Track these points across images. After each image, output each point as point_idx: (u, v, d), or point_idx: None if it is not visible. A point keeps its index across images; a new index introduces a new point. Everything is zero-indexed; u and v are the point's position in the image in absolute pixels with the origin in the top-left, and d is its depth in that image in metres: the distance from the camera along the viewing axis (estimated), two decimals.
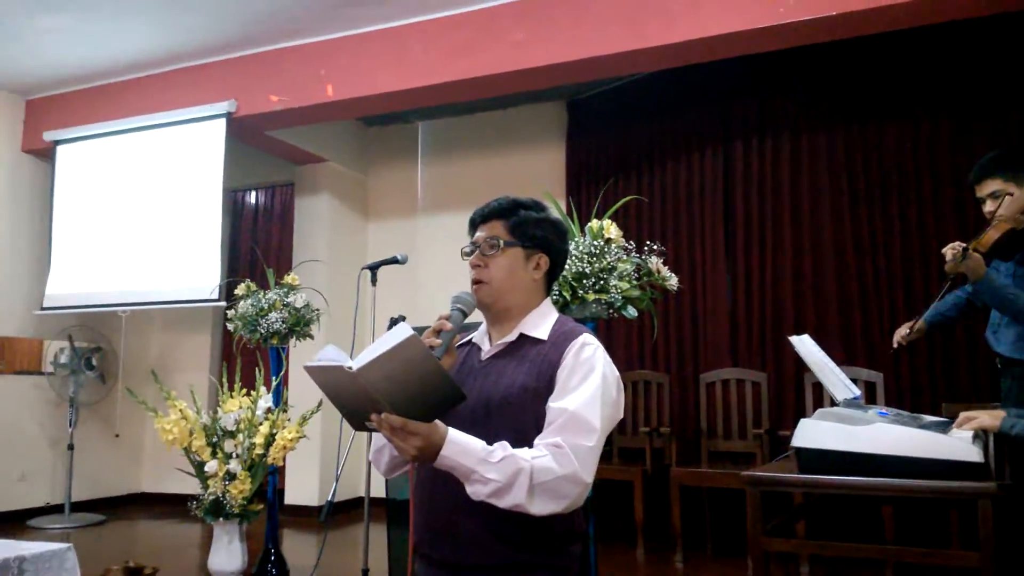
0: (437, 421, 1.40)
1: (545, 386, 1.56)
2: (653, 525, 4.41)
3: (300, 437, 3.33)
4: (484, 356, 1.66)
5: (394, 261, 3.49)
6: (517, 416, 1.54)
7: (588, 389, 1.53)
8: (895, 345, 3.06)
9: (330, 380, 1.41)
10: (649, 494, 4.34)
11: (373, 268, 3.49)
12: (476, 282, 1.65)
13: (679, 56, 4.08)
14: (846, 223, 4.51)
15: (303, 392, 5.56)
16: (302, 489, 5.67)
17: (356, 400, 1.38)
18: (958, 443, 2.03)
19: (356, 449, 3.39)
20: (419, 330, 1.42)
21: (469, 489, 1.42)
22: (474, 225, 1.72)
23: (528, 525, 1.48)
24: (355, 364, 1.33)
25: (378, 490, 3.71)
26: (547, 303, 1.71)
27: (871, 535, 3.80)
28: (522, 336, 1.65)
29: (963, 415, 2.31)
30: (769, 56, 4.12)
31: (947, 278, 2.73)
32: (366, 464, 2.96)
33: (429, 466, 1.44)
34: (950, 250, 2.66)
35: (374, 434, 1.67)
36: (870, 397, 4.13)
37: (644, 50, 3.97)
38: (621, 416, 1.63)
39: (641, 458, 4.48)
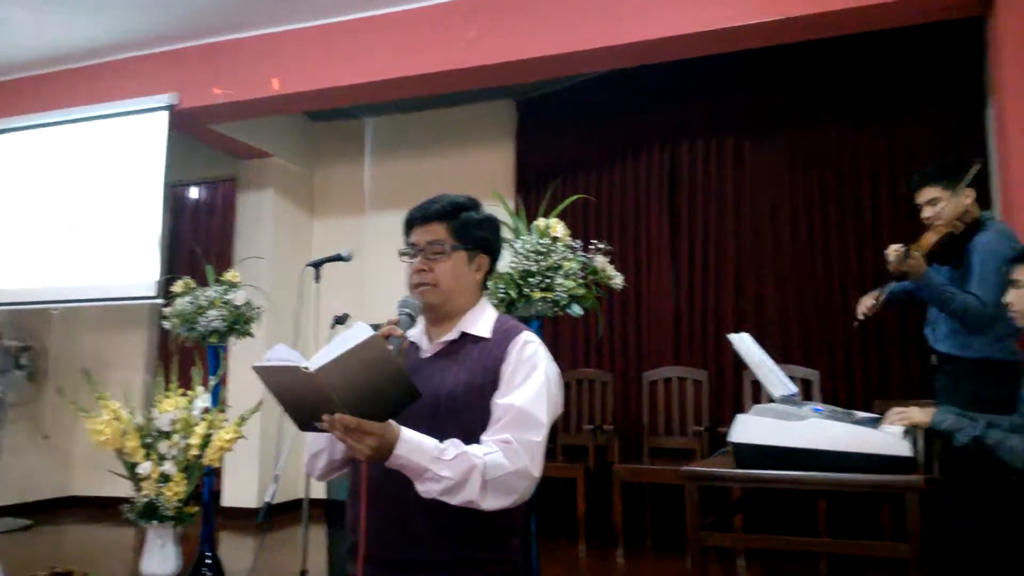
0: (391, 420, 1.40)
1: (491, 383, 1.58)
2: (595, 521, 4.44)
3: (238, 438, 3.24)
4: (424, 355, 1.67)
5: (338, 258, 3.44)
6: (464, 413, 1.56)
7: (533, 386, 1.57)
8: (860, 317, 3.12)
9: (281, 380, 1.39)
10: (591, 491, 4.37)
11: (316, 265, 3.44)
12: (420, 285, 1.65)
13: (628, 57, 4.13)
14: (786, 226, 4.63)
15: (242, 392, 5.43)
16: (240, 491, 5.55)
17: (307, 401, 1.37)
18: (888, 438, 2.10)
19: (295, 450, 3.32)
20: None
21: (420, 487, 1.44)
22: (411, 226, 1.71)
23: (473, 521, 1.50)
24: (313, 364, 1.32)
25: (318, 491, 3.65)
26: (484, 301, 1.74)
27: (806, 528, 3.89)
28: (463, 334, 1.66)
29: (893, 410, 2.39)
30: (716, 59, 4.20)
31: (891, 277, 2.85)
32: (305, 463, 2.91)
33: (375, 465, 1.44)
34: (893, 250, 2.80)
35: (308, 439, 1.65)
36: (806, 394, 4.24)
37: (595, 50, 4.01)
38: (561, 411, 1.66)
39: (584, 455, 4.51)
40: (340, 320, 3.33)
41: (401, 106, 5.68)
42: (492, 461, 1.46)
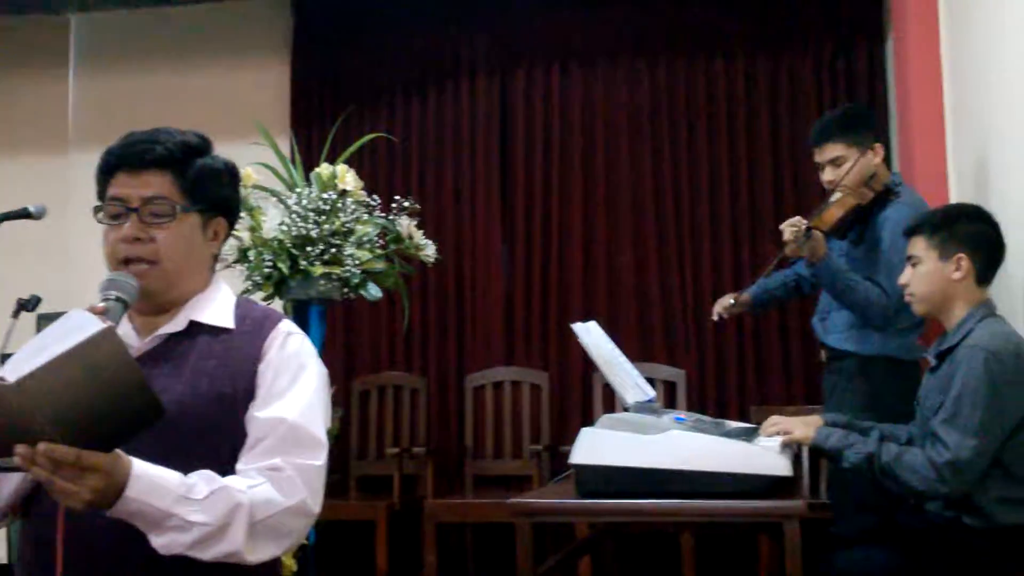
0: (118, 450, 1.34)
1: (244, 390, 1.56)
2: (401, 575, 4.45)
3: None
4: (135, 354, 1.57)
5: (24, 215, 3.20)
6: (205, 435, 1.52)
7: (304, 393, 1.57)
8: (715, 317, 3.34)
9: None
10: (396, 535, 4.36)
11: None
12: (133, 261, 1.57)
13: None
14: (647, 187, 4.78)
15: None
16: None
17: None
18: (764, 454, 2.25)
19: None
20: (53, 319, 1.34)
21: (159, 540, 1.38)
22: (112, 172, 1.62)
23: None
24: (9, 372, 1.22)
25: None
26: (218, 280, 1.71)
27: (670, 566, 4.11)
28: (193, 324, 1.61)
29: (771, 420, 2.57)
30: None
31: (779, 255, 3.02)
32: None
33: (75, 515, 1.36)
34: (790, 228, 2.94)
35: None
36: (669, 400, 4.47)
37: None
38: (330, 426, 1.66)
39: (387, 489, 4.49)
40: (27, 305, 3.12)
41: None
42: (260, 496, 1.45)
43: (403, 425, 4.82)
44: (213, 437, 1.53)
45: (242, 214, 2.94)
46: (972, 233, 2.57)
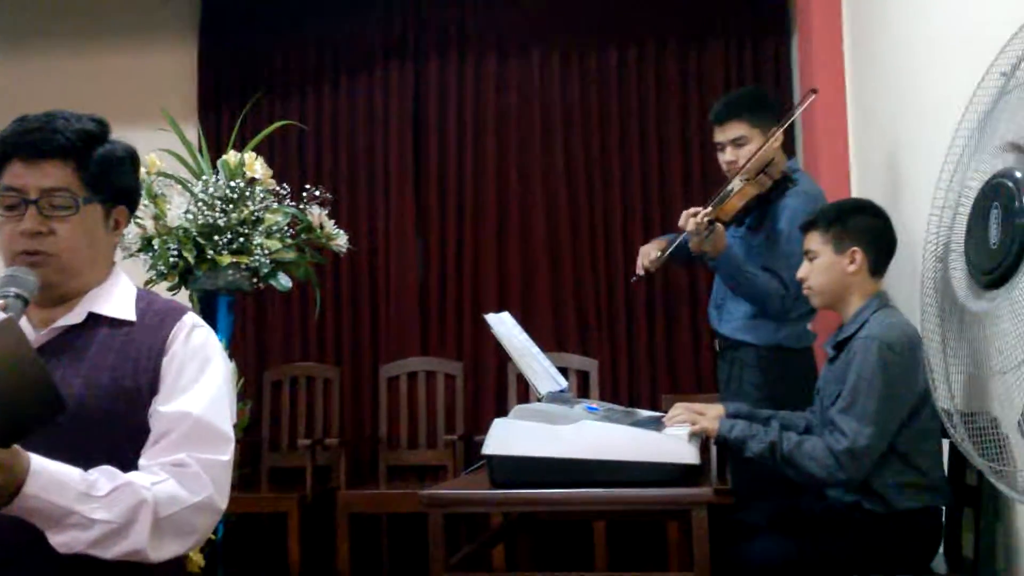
0: (16, 446, 1.30)
1: (148, 385, 1.54)
2: (314, 567, 4.41)
3: None
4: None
5: None
6: (105, 430, 1.50)
7: (209, 387, 1.56)
8: (639, 272, 3.26)
9: None
10: (308, 527, 4.32)
11: None
12: (30, 253, 1.53)
13: None
14: (560, 177, 4.80)
15: None
16: None
17: None
18: (673, 442, 2.28)
19: None
20: None
21: (58, 538, 1.35)
22: (3, 160, 1.56)
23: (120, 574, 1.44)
24: None
25: None
26: (117, 270, 1.68)
27: (583, 554, 4.15)
28: (92, 317, 1.58)
29: (676, 408, 2.60)
30: None
31: (677, 237, 3.03)
32: None
33: None
34: (693, 220, 2.90)
35: None
36: (583, 389, 4.51)
37: None
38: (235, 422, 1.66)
39: (299, 481, 4.44)
40: None
41: None
42: (164, 492, 1.43)
43: (316, 416, 4.76)
44: (114, 432, 1.51)
45: (146, 202, 2.88)
46: (865, 227, 2.64)
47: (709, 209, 2.97)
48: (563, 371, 4.43)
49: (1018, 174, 1.39)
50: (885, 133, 3.47)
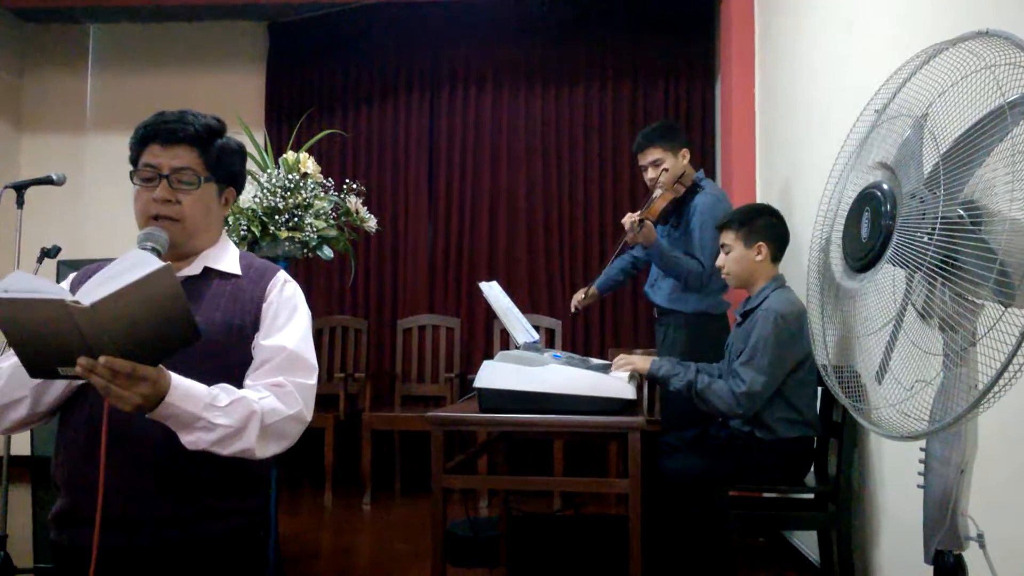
0: (160, 365, 1.27)
1: (252, 323, 1.51)
2: (343, 470, 4.42)
3: None
4: None
5: (48, 181, 3.00)
6: (223, 355, 1.47)
7: (299, 327, 1.53)
8: (573, 310, 3.38)
9: (27, 316, 1.16)
10: (340, 439, 4.33)
11: (20, 187, 2.96)
12: (161, 218, 1.49)
13: None
14: (538, 181, 4.80)
15: None
16: None
17: (59, 341, 1.17)
18: (616, 382, 2.28)
19: None
20: (78, 264, 1.25)
21: (188, 438, 1.33)
22: (146, 142, 1.52)
23: (220, 469, 1.42)
24: (85, 298, 1.14)
25: (21, 447, 3.23)
26: (225, 236, 1.64)
27: (545, 464, 4.17)
28: (208, 270, 1.55)
29: (619, 358, 2.60)
30: (479, 7, 4.18)
31: (622, 243, 3.05)
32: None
33: (115, 415, 1.31)
34: (628, 220, 2.95)
35: (4, 385, 1.42)
36: (550, 342, 4.52)
37: None
38: None
39: (335, 404, 4.43)
40: (49, 253, 2.93)
41: (132, 14, 5.06)
42: (268, 406, 1.40)
43: (348, 356, 4.76)
44: (228, 356, 1.48)
45: None
46: (766, 225, 2.65)
47: (640, 212, 3.03)
48: (536, 328, 4.43)
49: (885, 186, 1.38)
50: (784, 154, 3.47)
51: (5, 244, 3.22)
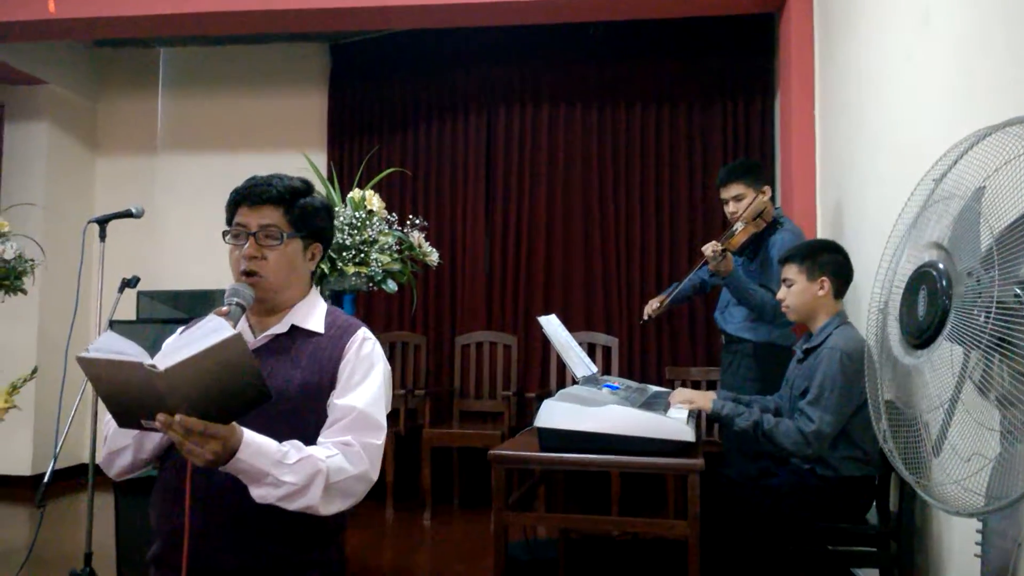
0: (234, 423, 1.36)
1: (328, 382, 1.57)
2: (403, 485, 4.53)
3: (10, 408, 3.01)
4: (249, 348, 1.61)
5: (128, 215, 3.17)
6: (298, 413, 1.53)
7: (372, 386, 1.57)
8: (645, 317, 3.41)
9: (113, 374, 1.29)
10: (400, 455, 4.45)
11: (102, 222, 3.14)
12: (250, 273, 1.58)
13: (439, 17, 4.13)
14: (594, 201, 4.84)
15: (12, 355, 4.92)
16: (11, 458, 5.07)
17: (140, 398, 1.29)
18: (675, 424, 2.31)
19: (78, 417, 3.08)
20: (158, 296, 1.35)
21: (257, 492, 1.40)
22: (236, 205, 1.63)
23: (299, 522, 1.49)
24: (161, 362, 1.24)
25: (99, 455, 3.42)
26: (315, 292, 1.71)
27: (602, 497, 4.16)
28: (294, 328, 1.62)
29: (677, 392, 2.64)
30: (533, 29, 4.25)
31: (700, 264, 3.14)
32: (91, 430, 2.74)
33: (199, 467, 1.38)
34: (711, 249, 3.06)
35: (109, 433, 1.56)
36: (607, 359, 4.56)
37: (403, 7, 3.99)
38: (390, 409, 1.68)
39: (395, 420, 4.57)
40: (130, 283, 3.10)
41: (200, 38, 5.26)
42: (335, 465, 1.45)
43: (408, 371, 4.87)
44: (305, 415, 1.54)
45: None
46: (831, 261, 2.65)
47: (721, 242, 3.11)
48: (593, 345, 4.50)
49: (941, 265, 1.41)
50: (845, 174, 3.43)
51: (88, 273, 3.40)
